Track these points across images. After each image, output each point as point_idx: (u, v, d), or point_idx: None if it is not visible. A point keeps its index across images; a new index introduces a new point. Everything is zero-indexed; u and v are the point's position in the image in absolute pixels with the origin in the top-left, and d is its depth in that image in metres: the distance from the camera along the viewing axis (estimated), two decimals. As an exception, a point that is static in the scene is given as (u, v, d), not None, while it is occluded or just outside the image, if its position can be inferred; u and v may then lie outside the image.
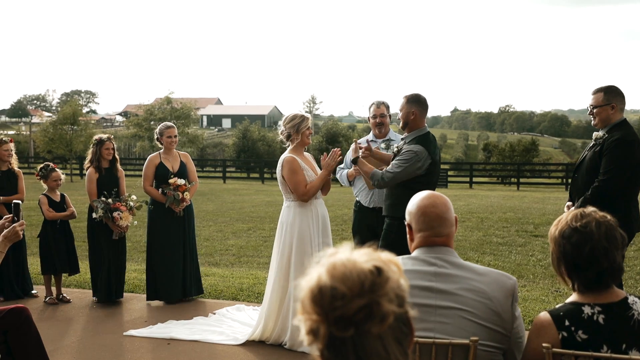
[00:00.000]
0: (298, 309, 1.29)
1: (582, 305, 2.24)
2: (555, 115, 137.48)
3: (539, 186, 30.08)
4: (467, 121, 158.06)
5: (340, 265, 1.25)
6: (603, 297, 2.25)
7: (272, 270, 5.28)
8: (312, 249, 5.10)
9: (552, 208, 16.77)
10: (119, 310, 6.51)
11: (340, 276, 1.23)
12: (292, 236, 5.13)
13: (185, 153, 7.13)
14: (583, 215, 2.27)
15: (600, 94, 4.75)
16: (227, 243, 11.29)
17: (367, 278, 1.23)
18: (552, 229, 2.34)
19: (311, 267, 1.31)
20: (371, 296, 1.21)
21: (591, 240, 2.21)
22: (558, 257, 2.30)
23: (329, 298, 1.22)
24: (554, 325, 2.22)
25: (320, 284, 1.24)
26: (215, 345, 5.29)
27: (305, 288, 1.27)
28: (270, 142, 47.40)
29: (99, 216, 6.58)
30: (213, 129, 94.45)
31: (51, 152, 33.78)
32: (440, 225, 2.38)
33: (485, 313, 2.28)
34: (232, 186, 28.11)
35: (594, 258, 2.20)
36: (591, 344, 2.17)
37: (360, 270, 1.24)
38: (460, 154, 76.00)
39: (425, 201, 2.41)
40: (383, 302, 1.22)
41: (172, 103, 36.39)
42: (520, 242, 10.99)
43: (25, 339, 3.78)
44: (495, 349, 2.30)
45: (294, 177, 5.11)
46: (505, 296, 2.31)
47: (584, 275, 2.23)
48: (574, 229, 2.24)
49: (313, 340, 1.26)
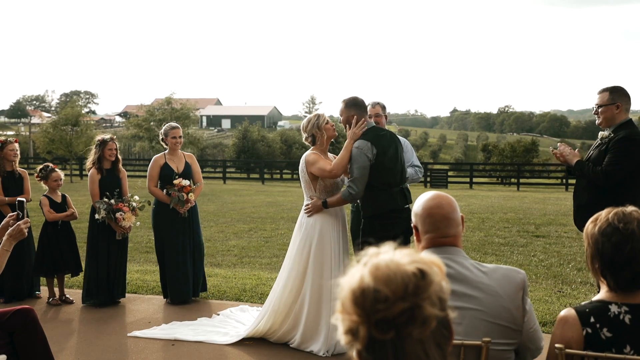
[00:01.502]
0: (337, 307, 1.26)
1: (610, 303, 2.23)
2: (555, 115, 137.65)
3: (539, 186, 30.10)
4: (467, 122, 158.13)
5: (384, 266, 1.23)
6: (631, 298, 2.24)
7: (286, 269, 5.24)
8: (331, 251, 5.08)
9: (553, 208, 16.77)
10: (122, 311, 6.51)
11: (383, 278, 1.21)
12: (312, 237, 5.11)
13: (191, 154, 7.12)
14: (625, 215, 2.25)
15: (606, 94, 4.76)
16: (228, 244, 11.29)
17: (411, 281, 1.20)
18: (590, 226, 2.31)
19: (352, 266, 1.28)
20: (414, 300, 1.19)
21: (632, 241, 2.20)
22: (594, 254, 2.27)
23: (371, 300, 1.19)
24: (579, 321, 2.21)
25: (363, 286, 1.21)
26: (219, 346, 5.29)
27: (347, 288, 1.24)
28: (270, 143, 47.41)
29: (102, 217, 6.57)
30: (212, 130, 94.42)
31: (51, 152, 33.75)
32: (447, 226, 2.37)
33: (496, 311, 2.27)
34: (232, 187, 28.11)
35: (633, 258, 2.20)
36: (615, 343, 2.16)
37: (404, 273, 1.21)
38: (460, 154, 76.03)
39: (430, 202, 2.40)
40: (425, 305, 1.19)
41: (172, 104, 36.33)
42: (522, 242, 10.99)
43: (32, 341, 3.78)
44: (507, 346, 2.29)
45: (317, 165, 5.10)
46: (516, 290, 2.31)
47: (621, 275, 2.22)
48: (616, 228, 2.23)
49: (351, 340, 1.23)
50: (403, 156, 5.24)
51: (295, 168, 37.95)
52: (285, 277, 5.22)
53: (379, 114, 5.94)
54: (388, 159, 4.99)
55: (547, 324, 5.77)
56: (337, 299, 1.27)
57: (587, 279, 7.81)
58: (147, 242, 11.17)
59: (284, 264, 5.33)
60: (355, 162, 4.93)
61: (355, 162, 4.93)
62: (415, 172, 5.91)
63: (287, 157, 46.40)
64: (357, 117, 5.04)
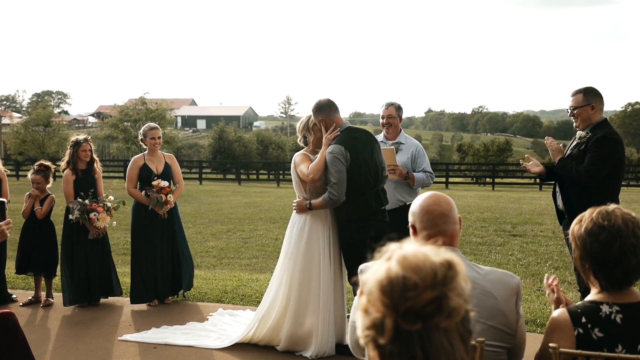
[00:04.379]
0: (360, 303, 1.25)
1: (601, 303, 2.23)
2: (527, 116, 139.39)
3: (513, 186, 30.43)
4: (441, 122, 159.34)
5: (412, 256, 1.23)
6: (622, 297, 2.24)
7: (279, 271, 5.21)
8: (320, 252, 5.05)
9: (528, 208, 16.97)
10: (102, 314, 6.41)
11: (412, 267, 1.20)
12: (300, 241, 5.08)
13: (171, 155, 7.05)
14: (608, 213, 2.25)
15: (580, 95, 4.83)
16: (207, 245, 11.21)
17: (440, 270, 1.20)
18: (575, 228, 2.30)
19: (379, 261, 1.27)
20: (442, 289, 1.19)
21: (620, 237, 2.19)
22: (583, 255, 2.27)
23: (400, 288, 1.18)
24: (571, 322, 2.22)
25: (391, 275, 1.20)
26: (202, 350, 5.22)
27: (373, 281, 1.23)
28: (246, 144, 47.25)
29: (75, 217, 6.49)
30: (188, 130, 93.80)
31: (22, 153, 33.25)
32: (445, 223, 2.37)
33: (491, 313, 2.28)
34: (209, 187, 27.93)
35: (623, 255, 2.19)
36: (606, 343, 2.17)
37: (432, 262, 1.21)
38: (435, 154, 76.59)
39: (428, 200, 2.41)
40: (452, 296, 1.19)
41: (147, 104, 36.02)
42: (499, 241, 11.10)
43: (13, 346, 3.69)
44: (500, 349, 2.30)
45: (300, 167, 5.08)
46: (510, 295, 2.32)
47: (612, 274, 2.21)
48: (602, 227, 2.22)
49: (375, 335, 1.21)
50: (380, 157, 5.17)
51: (272, 169, 37.93)
52: (275, 280, 5.19)
53: (392, 116, 5.90)
54: (362, 163, 4.95)
55: (528, 322, 5.83)
56: (362, 295, 1.25)
57: (564, 278, 7.91)
58: (124, 244, 11.04)
59: (278, 264, 5.30)
60: (331, 167, 4.90)
61: (331, 166, 4.90)
62: (427, 177, 5.90)
63: (264, 158, 46.30)
64: (326, 121, 5.02)
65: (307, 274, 5.02)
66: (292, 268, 5.07)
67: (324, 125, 5.04)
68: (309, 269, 5.02)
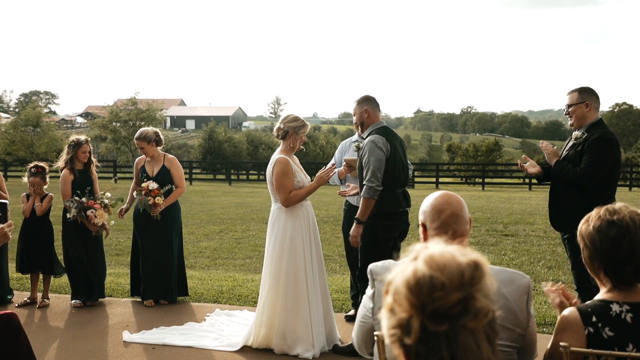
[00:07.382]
0: (386, 303, 1.25)
1: (611, 302, 2.23)
2: (516, 116, 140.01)
3: (502, 186, 30.59)
4: (430, 122, 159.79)
5: (438, 256, 1.23)
6: (632, 296, 2.24)
7: (265, 275, 5.20)
8: (304, 252, 5.07)
9: (519, 207, 17.07)
10: (99, 314, 6.39)
11: (439, 267, 1.20)
12: (283, 242, 5.08)
13: (172, 157, 7.02)
14: (615, 210, 2.25)
15: (575, 93, 4.89)
16: (199, 245, 11.19)
17: (467, 270, 1.20)
18: (583, 227, 2.29)
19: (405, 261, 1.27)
20: (469, 290, 1.19)
21: (629, 234, 2.18)
22: (592, 254, 2.25)
23: (428, 288, 1.18)
24: (581, 321, 2.21)
25: (418, 275, 1.20)
26: (202, 351, 5.23)
27: (399, 281, 1.22)
28: (236, 144, 47.12)
29: (73, 216, 6.48)
30: (177, 130, 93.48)
31: (11, 154, 33.01)
32: (456, 222, 2.36)
33: (502, 312, 2.28)
34: (199, 188, 27.87)
35: (632, 251, 2.19)
36: (617, 342, 2.17)
37: (459, 263, 1.21)
38: (424, 154, 76.89)
39: (439, 199, 2.40)
40: (479, 297, 1.19)
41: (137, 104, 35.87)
42: (491, 241, 11.16)
43: (15, 347, 3.69)
44: (511, 349, 2.29)
45: (283, 180, 5.05)
46: (521, 294, 2.30)
47: (623, 270, 2.21)
48: (611, 222, 2.21)
49: (400, 335, 1.22)
50: (407, 160, 5.29)
51: (262, 169, 37.78)
52: (264, 285, 5.20)
53: None
54: (397, 159, 5.01)
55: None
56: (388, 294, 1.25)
57: (558, 277, 7.98)
58: (117, 245, 11.01)
59: (264, 269, 5.29)
60: (371, 155, 4.87)
61: (371, 155, 4.87)
62: None
63: (254, 158, 46.20)
64: (370, 112, 5.11)
65: (293, 274, 5.04)
66: (278, 269, 5.07)
67: (366, 116, 5.10)
68: (295, 268, 5.03)
